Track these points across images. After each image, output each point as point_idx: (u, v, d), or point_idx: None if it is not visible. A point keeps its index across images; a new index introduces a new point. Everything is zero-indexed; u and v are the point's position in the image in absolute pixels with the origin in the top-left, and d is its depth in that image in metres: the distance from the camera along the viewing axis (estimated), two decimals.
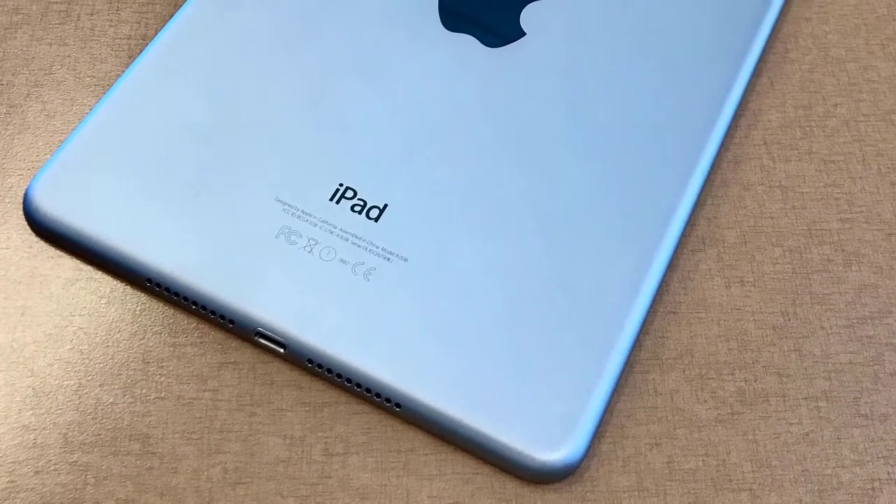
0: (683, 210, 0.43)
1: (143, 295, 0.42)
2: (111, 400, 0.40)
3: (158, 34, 0.46)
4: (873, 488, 0.40)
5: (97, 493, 0.39)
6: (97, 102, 0.45)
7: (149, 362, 0.41)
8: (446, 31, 0.47)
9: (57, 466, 0.39)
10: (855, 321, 0.43)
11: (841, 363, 0.42)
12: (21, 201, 0.43)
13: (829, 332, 0.43)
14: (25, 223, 0.43)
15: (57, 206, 0.42)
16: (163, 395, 0.40)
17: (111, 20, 0.49)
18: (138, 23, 0.49)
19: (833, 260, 0.44)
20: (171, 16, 0.48)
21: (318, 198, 0.42)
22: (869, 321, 0.43)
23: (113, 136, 0.43)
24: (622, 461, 0.40)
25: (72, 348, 0.41)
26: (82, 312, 0.41)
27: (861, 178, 0.46)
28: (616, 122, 0.45)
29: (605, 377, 0.39)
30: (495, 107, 0.45)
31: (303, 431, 0.40)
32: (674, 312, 0.43)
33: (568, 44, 0.47)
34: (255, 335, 0.40)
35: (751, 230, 0.45)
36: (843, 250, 0.44)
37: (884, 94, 0.48)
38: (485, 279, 0.41)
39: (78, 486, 0.39)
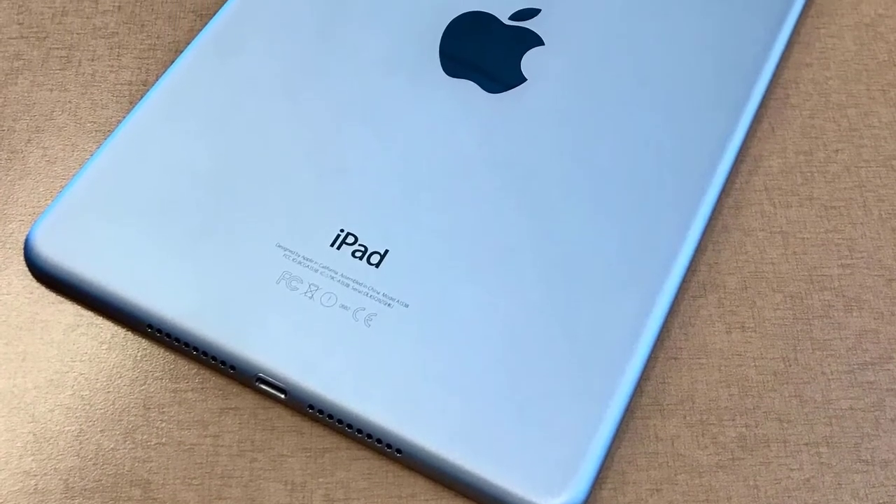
0: (684, 256, 0.44)
1: (143, 341, 0.43)
2: (112, 446, 0.41)
3: (159, 80, 0.47)
4: None
5: None
6: (98, 148, 0.46)
7: (150, 408, 0.42)
8: (447, 76, 0.48)
9: None
10: (856, 367, 0.44)
11: (842, 409, 0.43)
12: (22, 247, 0.45)
13: (830, 377, 0.44)
14: (26, 269, 0.44)
15: (58, 252, 0.43)
16: (164, 440, 0.41)
17: (112, 66, 0.50)
18: (139, 69, 0.50)
19: (834, 305, 0.46)
20: (172, 62, 0.49)
21: (319, 243, 0.44)
22: (870, 367, 0.44)
23: (114, 182, 0.45)
24: None
25: (73, 394, 0.42)
26: (83, 358, 0.43)
27: (862, 223, 0.48)
28: (617, 167, 0.46)
29: (606, 422, 0.40)
30: (496, 152, 0.46)
31: (304, 477, 0.41)
32: (675, 358, 0.44)
33: (569, 89, 0.48)
34: (256, 381, 0.41)
35: (752, 276, 0.46)
36: (843, 296, 0.46)
37: (885, 140, 0.50)
38: (486, 324, 0.42)
39: None
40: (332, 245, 0.44)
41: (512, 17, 0.51)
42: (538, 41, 0.50)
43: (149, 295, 0.42)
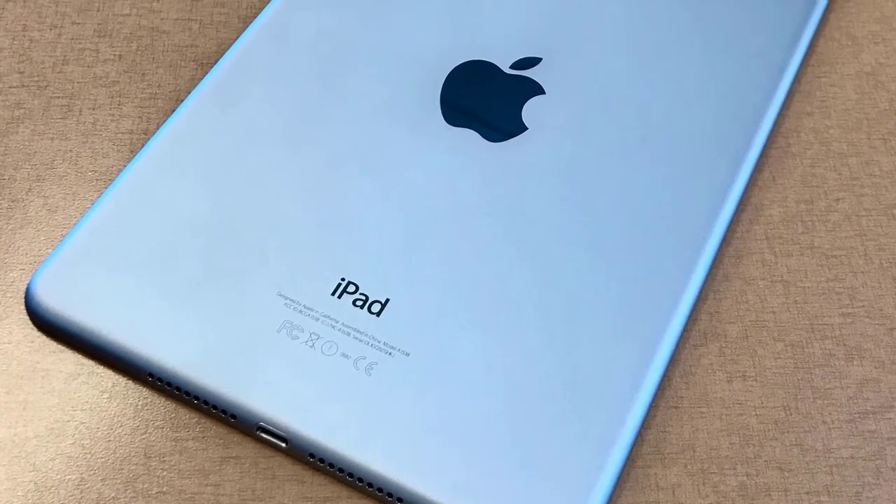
0: (685, 305, 0.45)
1: (144, 389, 0.44)
2: (113, 495, 0.42)
3: (160, 129, 0.49)
4: None
5: None
6: (99, 197, 0.47)
7: (150, 457, 0.43)
8: (448, 125, 0.50)
9: None
10: (857, 416, 0.45)
11: (843, 458, 0.44)
12: (23, 296, 0.46)
13: (831, 426, 0.45)
14: (27, 318, 0.45)
15: (59, 301, 0.44)
16: (165, 489, 0.43)
17: (113, 115, 0.51)
18: (140, 118, 0.51)
19: (835, 354, 0.47)
20: (173, 111, 0.50)
21: (319, 292, 0.45)
22: (871, 416, 0.45)
23: (115, 231, 0.46)
24: None
25: (73, 443, 0.43)
26: (84, 407, 0.44)
27: (863, 272, 0.49)
28: (618, 216, 0.47)
29: (607, 472, 0.41)
30: (497, 201, 0.47)
31: None
32: (676, 407, 0.45)
33: (570, 138, 0.50)
34: (257, 430, 0.42)
35: (752, 325, 0.47)
36: (844, 345, 0.47)
37: (885, 189, 0.51)
38: (487, 374, 0.43)
39: None
40: (333, 294, 0.45)
41: (513, 66, 0.52)
42: (539, 90, 0.51)
43: (150, 344, 0.43)
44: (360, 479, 0.41)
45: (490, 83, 0.51)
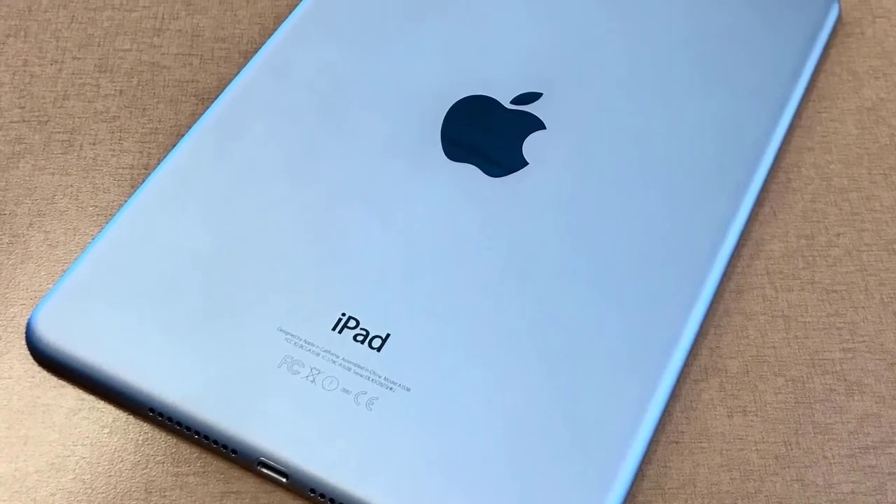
0: (686, 340, 0.46)
1: (145, 424, 0.45)
2: None
3: (161, 164, 0.49)
4: None
5: None
6: (99, 232, 0.48)
7: (151, 492, 0.44)
8: (449, 160, 0.50)
9: None
10: (857, 451, 0.46)
11: (843, 493, 0.45)
12: (24, 331, 0.47)
13: (832, 461, 0.46)
14: (28, 353, 0.46)
15: (59, 336, 0.45)
16: None
17: (113, 150, 0.52)
18: (140, 153, 0.52)
19: (835, 389, 0.47)
20: (173, 146, 0.51)
21: (320, 327, 0.45)
22: (871, 451, 0.46)
23: (115, 266, 0.46)
24: None
25: (74, 478, 0.44)
26: (85, 442, 0.44)
27: (864, 307, 0.49)
28: (619, 251, 0.48)
29: None
30: (498, 236, 0.48)
31: None
32: (676, 442, 0.46)
33: (570, 173, 0.50)
34: (258, 465, 0.43)
35: (753, 360, 0.48)
36: (845, 380, 0.47)
37: (886, 224, 0.52)
38: (487, 408, 0.44)
39: None
40: (334, 329, 0.45)
41: (513, 101, 0.53)
42: (540, 125, 0.52)
43: (150, 379, 0.44)
44: None
45: (491, 118, 0.52)
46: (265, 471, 0.43)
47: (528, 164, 0.51)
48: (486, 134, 0.52)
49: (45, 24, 0.56)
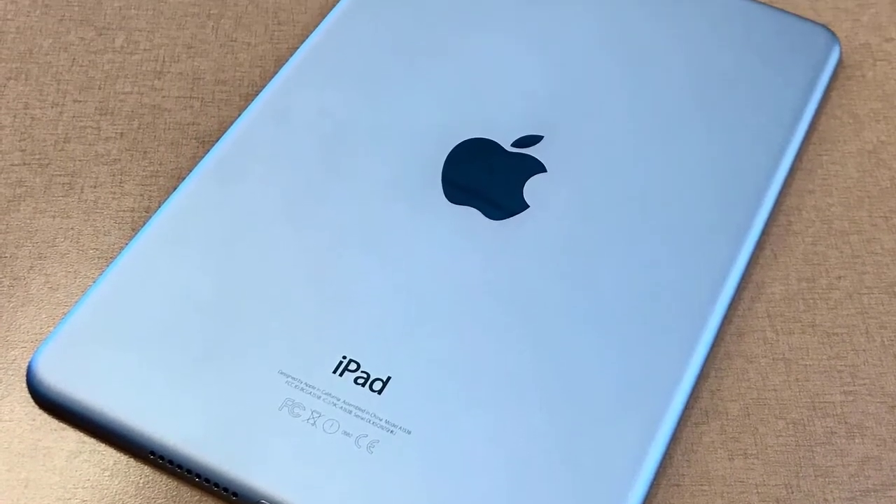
0: (686, 382, 0.46)
1: (146, 467, 0.45)
2: None
3: (161, 207, 0.50)
4: None
5: None
6: (100, 275, 0.48)
7: None
8: (450, 203, 0.51)
9: None
10: (858, 494, 0.46)
11: None
12: (24, 374, 0.47)
13: None
14: (29, 396, 0.46)
15: (60, 379, 0.45)
16: None
17: (114, 193, 0.53)
18: (141, 195, 0.53)
19: (836, 432, 0.48)
20: (174, 188, 0.52)
21: (321, 370, 0.46)
22: (872, 494, 0.46)
23: (116, 309, 0.47)
24: None
25: None
26: (86, 485, 0.45)
27: (864, 350, 0.50)
28: (620, 294, 0.49)
29: None
30: (498, 278, 0.49)
31: None
32: (677, 485, 0.46)
33: (571, 217, 0.51)
34: None
35: (754, 402, 0.48)
36: (846, 423, 0.48)
37: (887, 267, 0.52)
38: (488, 451, 0.44)
39: None
40: (335, 372, 0.46)
41: (514, 144, 0.53)
42: (540, 168, 0.53)
43: (151, 422, 0.44)
44: None
45: (491, 161, 0.53)
46: None
47: (529, 206, 0.51)
48: (487, 177, 0.52)
49: (46, 67, 0.57)
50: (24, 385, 0.47)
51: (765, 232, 0.53)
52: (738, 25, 0.59)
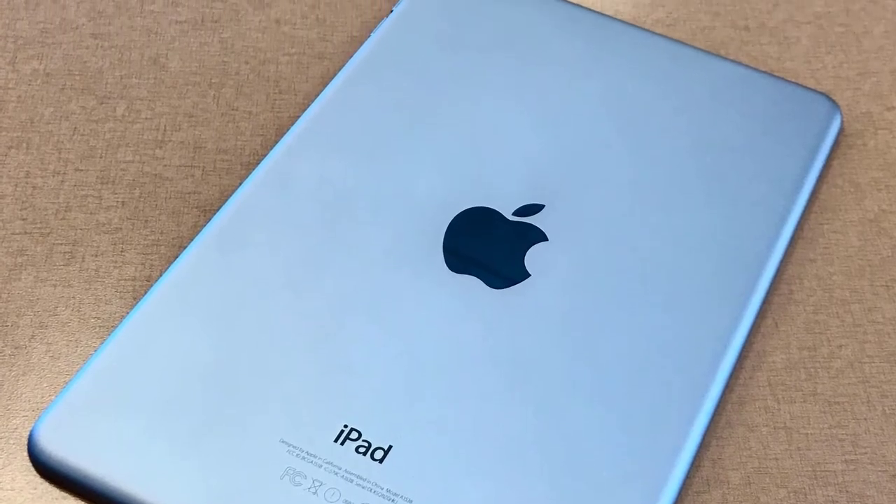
0: (688, 451, 0.47)
1: None
2: None
3: (163, 276, 0.52)
4: None
5: None
6: (101, 344, 0.49)
7: None
8: (451, 272, 0.52)
9: None
10: None
11: None
12: (26, 443, 0.48)
13: None
14: (30, 465, 0.47)
15: (61, 448, 0.46)
16: None
17: (115, 261, 0.54)
18: (142, 264, 0.54)
19: (838, 502, 0.49)
20: (176, 257, 0.53)
21: (322, 439, 0.47)
22: None
23: (117, 378, 0.48)
24: None
25: None
26: None
27: (866, 419, 0.51)
28: (621, 363, 0.50)
29: None
30: (500, 348, 0.50)
31: None
32: None
33: (572, 286, 0.52)
34: None
35: (755, 472, 0.49)
36: (847, 492, 0.49)
37: (888, 336, 0.54)
38: None
39: None
40: (336, 441, 0.47)
41: (515, 213, 0.55)
42: (542, 237, 0.54)
43: (153, 491, 0.45)
44: None
45: (493, 230, 0.54)
46: None
47: (530, 275, 0.53)
48: (488, 246, 0.54)
49: (48, 136, 0.59)
50: (26, 454, 0.48)
51: (766, 301, 0.54)
52: (739, 94, 0.60)
